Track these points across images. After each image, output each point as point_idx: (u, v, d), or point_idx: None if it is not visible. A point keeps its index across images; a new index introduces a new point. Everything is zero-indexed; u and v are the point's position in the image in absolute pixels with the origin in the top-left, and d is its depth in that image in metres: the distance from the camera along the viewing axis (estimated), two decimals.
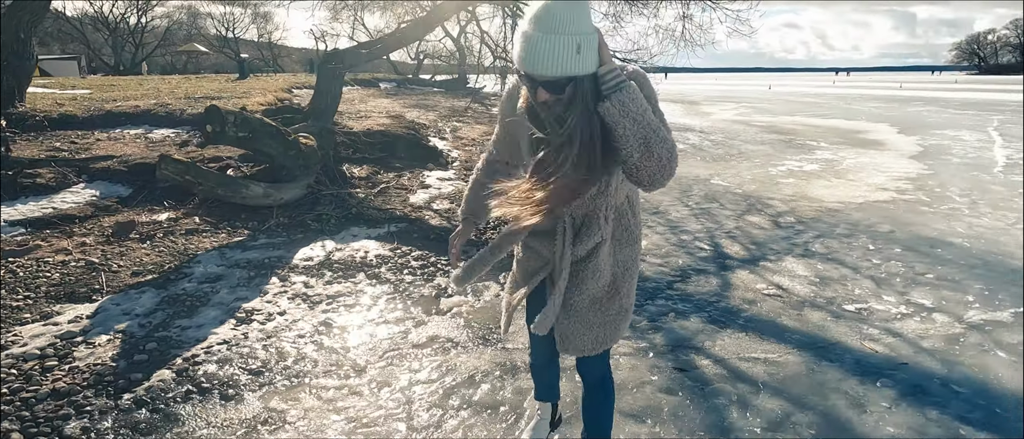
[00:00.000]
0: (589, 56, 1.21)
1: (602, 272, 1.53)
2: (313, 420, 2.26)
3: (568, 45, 1.18)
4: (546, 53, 1.19)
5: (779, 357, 2.72)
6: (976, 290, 3.51)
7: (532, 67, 1.22)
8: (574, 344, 1.59)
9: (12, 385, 2.42)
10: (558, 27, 1.18)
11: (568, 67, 1.20)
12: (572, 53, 1.19)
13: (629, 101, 1.21)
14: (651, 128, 1.22)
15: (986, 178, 7.07)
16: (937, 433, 2.14)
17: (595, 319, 1.57)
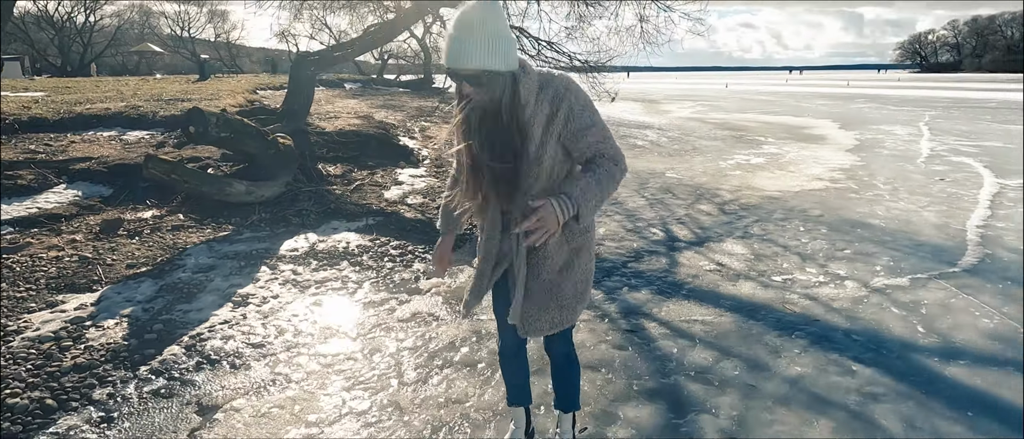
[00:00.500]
0: (503, 53, 1.40)
1: (553, 259, 1.67)
2: (316, 380, 2.60)
3: (482, 44, 1.37)
4: (465, 51, 1.38)
5: (714, 319, 3.19)
6: (883, 261, 4.08)
7: (454, 63, 1.41)
8: (533, 327, 1.72)
9: (35, 362, 2.68)
10: (474, 29, 1.37)
11: (484, 62, 1.39)
12: (487, 50, 1.38)
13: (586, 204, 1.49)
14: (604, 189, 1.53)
15: (909, 168, 7.84)
16: (834, 370, 2.63)
17: (551, 303, 1.69)
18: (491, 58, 1.39)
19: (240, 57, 60.39)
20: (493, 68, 1.40)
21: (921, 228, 4.90)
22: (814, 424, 2.23)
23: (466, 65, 1.39)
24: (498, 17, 1.41)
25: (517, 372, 2.01)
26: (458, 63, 1.40)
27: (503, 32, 1.41)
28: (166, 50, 51.66)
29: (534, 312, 1.70)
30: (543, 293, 1.69)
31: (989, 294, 3.46)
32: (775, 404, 2.36)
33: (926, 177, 7.17)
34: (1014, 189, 6.35)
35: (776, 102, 23.50)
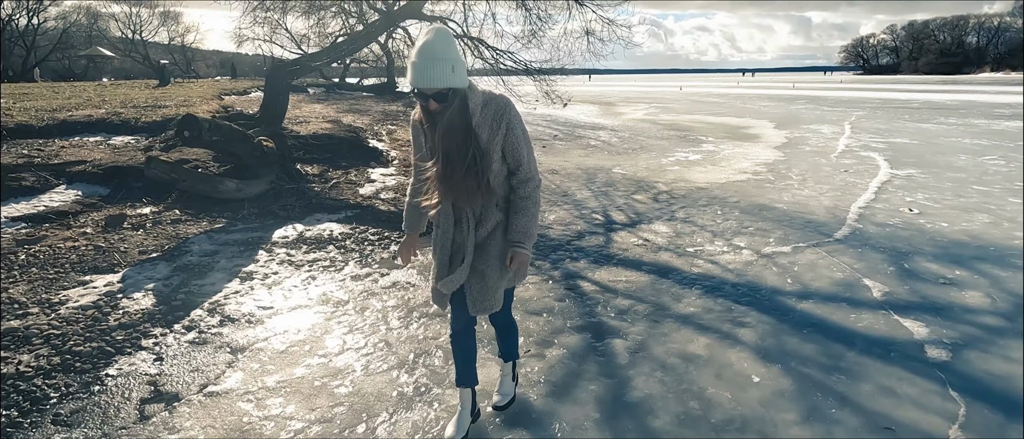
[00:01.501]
0: (459, 73, 1.77)
1: (500, 245, 2.05)
2: (319, 328, 3.30)
3: (445, 67, 1.72)
4: (430, 73, 1.71)
5: (634, 278, 4.03)
6: (776, 235, 5.03)
7: (422, 84, 1.74)
8: (483, 306, 2.07)
9: (85, 323, 3.30)
10: (437, 55, 1.71)
11: (447, 81, 1.75)
12: (448, 72, 1.74)
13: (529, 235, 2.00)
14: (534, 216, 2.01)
15: (822, 162, 8.97)
16: (718, 309, 3.50)
17: (498, 285, 2.06)
18: (452, 78, 1.75)
19: (196, 60, 59.11)
20: (454, 85, 1.78)
21: (814, 210, 5.90)
22: (694, 341, 3.07)
23: (432, 84, 1.74)
24: (452, 44, 1.78)
25: (466, 349, 2.25)
26: (426, 84, 1.74)
27: (458, 56, 1.78)
28: (117, 54, 49.97)
29: (486, 294, 2.05)
30: (495, 276, 2.05)
31: (848, 257, 4.42)
32: (669, 331, 3.20)
33: (833, 169, 8.29)
34: (901, 177, 7.50)
35: (724, 104, 24.98)
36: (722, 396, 2.55)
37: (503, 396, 2.43)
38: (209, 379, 2.77)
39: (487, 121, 1.92)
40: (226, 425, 2.39)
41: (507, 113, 1.94)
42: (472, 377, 2.28)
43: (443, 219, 2.06)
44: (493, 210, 2.04)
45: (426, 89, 1.76)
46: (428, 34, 1.78)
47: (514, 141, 1.97)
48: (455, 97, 1.81)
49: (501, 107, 1.94)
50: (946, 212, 5.68)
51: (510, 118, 1.95)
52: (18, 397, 2.59)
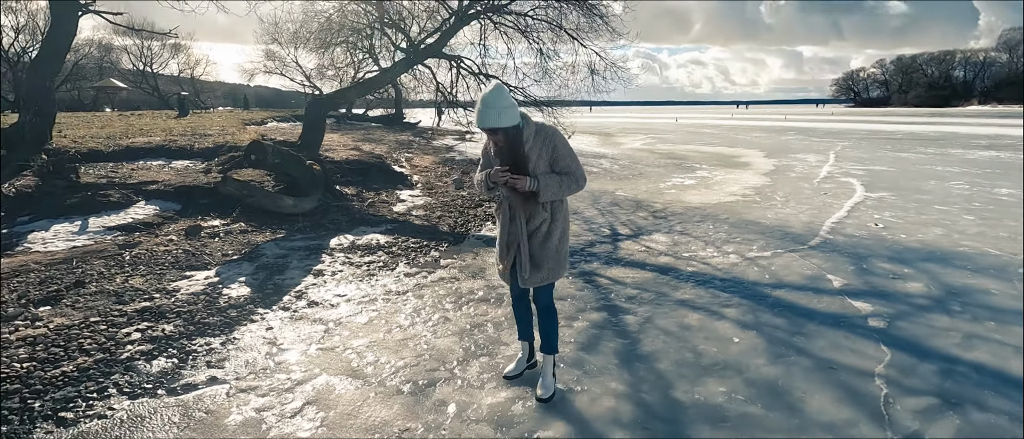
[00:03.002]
0: (508, 117, 2.48)
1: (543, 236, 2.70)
2: (388, 308, 4.13)
3: (495, 113, 2.47)
4: (487, 117, 2.48)
5: (639, 275, 4.88)
6: (759, 244, 5.89)
7: (482, 125, 2.52)
8: (529, 280, 2.72)
9: (202, 304, 4.13)
10: (489, 104, 2.48)
11: (496, 122, 2.49)
12: (496, 116, 2.48)
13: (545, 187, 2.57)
14: (561, 187, 2.60)
15: (805, 186, 9.90)
16: (707, 296, 4.33)
17: (542, 265, 2.71)
18: (500, 119, 2.51)
19: (204, 92, 60.64)
20: (502, 125, 2.52)
21: (793, 225, 6.79)
22: (689, 316, 3.90)
23: (485, 125, 2.53)
24: (502, 96, 2.52)
25: (523, 312, 3.00)
26: (484, 124, 2.54)
27: (507, 103, 2.52)
28: (128, 85, 51.34)
29: (530, 270, 2.72)
30: (535, 260, 2.72)
31: (817, 259, 5.28)
32: (669, 310, 4.03)
33: (814, 192, 9.21)
34: (874, 199, 8.41)
35: (718, 135, 26.14)
36: (710, 349, 3.38)
37: (546, 389, 2.84)
38: (314, 340, 3.59)
39: (538, 146, 2.64)
40: (340, 367, 3.21)
41: (554, 138, 2.67)
42: (529, 333, 3.03)
43: (503, 216, 2.76)
44: (540, 211, 2.68)
45: (484, 128, 2.56)
46: (487, 89, 2.57)
47: (560, 155, 2.67)
48: (503, 133, 2.55)
49: (549, 134, 2.68)
50: (906, 226, 6.57)
51: (555, 142, 2.67)
52: (175, 351, 3.41)
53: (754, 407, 2.74)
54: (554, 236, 2.74)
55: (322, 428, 2.62)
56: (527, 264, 2.71)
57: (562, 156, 2.67)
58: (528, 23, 10.57)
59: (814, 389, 2.89)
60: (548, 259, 2.73)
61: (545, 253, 2.72)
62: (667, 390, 2.92)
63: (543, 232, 2.72)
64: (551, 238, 2.73)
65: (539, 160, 2.64)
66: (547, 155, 2.66)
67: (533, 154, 2.63)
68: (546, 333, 2.89)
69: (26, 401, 2.83)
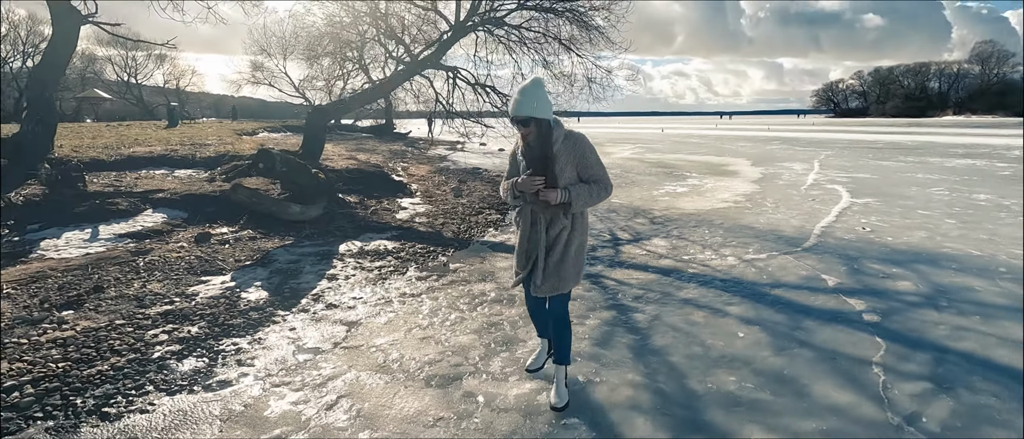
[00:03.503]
0: (542, 108, 2.54)
1: (563, 245, 2.68)
2: (406, 309, 4.27)
3: (530, 103, 2.53)
4: (520, 107, 2.54)
5: (643, 277, 5.08)
6: (755, 247, 6.13)
7: (516, 112, 2.55)
8: (542, 288, 2.70)
9: (223, 307, 4.23)
10: (526, 94, 2.55)
11: (529, 112, 2.54)
12: (532, 106, 2.53)
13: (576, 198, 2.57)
14: (591, 196, 2.60)
15: (793, 193, 10.22)
16: (711, 295, 4.54)
17: (554, 273, 2.68)
18: (535, 109, 2.55)
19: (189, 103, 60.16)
20: (536, 116, 2.56)
21: (785, 229, 7.05)
22: (694, 314, 4.10)
23: (521, 113, 2.56)
24: (539, 88, 2.60)
25: (540, 315, 3.05)
26: (520, 112, 2.56)
27: (541, 97, 2.57)
28: (113, 96, 50.84)
29: (544, 279, 2.69)
30: (551, 268, 2.69)
31: (811, 260, 5.53)
32: (675, 308, 4.23)
33: (803, 198, 9.52)
34: (860, 205, 8.73)
35: (704, 144, 26.63)
36: (717, 343, 3.57)
37: (560, 398, 2.82)
38: (338, 340, 3.72)
39: (567, 149, 2.63)
40: (367, 363, 3.35)
41: (582, 144, 2.66)
42: (548, 331, 3.05)
43: (524, 220, 2.73)
44: (560, 218, 2.66)
45: (516, 117, 2.59)
46: (525, 81, 2.65)
47: (587, 163, 2.66)
48: (535, 124, 2.57)
49: (579, 139, 2.68)
50: (892, 230, 6.87)
51: (583, 148, 2.66)
52: (204, 351, 3.52)
53: (764, 393, 2.93)
54: (573, 245, 2.72)
55: (360, 418, 2.75)
56: (542, 272, 2.69)
57: (591, 164, 2.66)
58: (523, 35, 10.82)
59: (818, 377, 3.09)
60: (565, 268, 2.70)
61: (563, 262, 2.70)
62: (681, 380, 3.10)
63: (563, 240, 2.69)
64: (570, 247, 2.71)
65: (567, 164, 2.62)
66: (575, 160, 2.64)
67: (562, 156, 2.61)
68: (559, 342, 2.87)
69: (68, 398, 2.93)
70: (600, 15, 10.30)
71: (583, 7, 10.09)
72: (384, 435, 2.61)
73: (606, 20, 10.57)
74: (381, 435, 2.61)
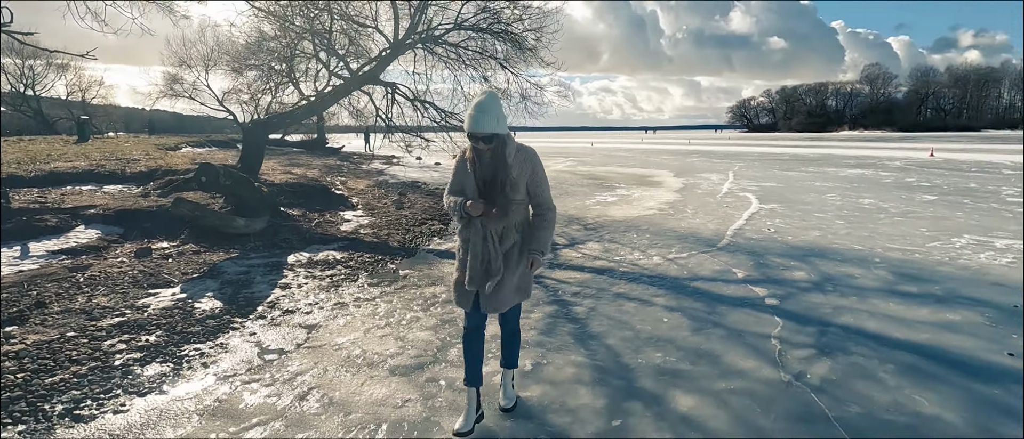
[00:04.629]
0: (502, 124, 2.45)
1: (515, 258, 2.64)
2: (363, 313, 4.52)
3: (492, 119, 2.42)
4: (482, 122, 2.41)
5: (580, 276, 5.58)
6: (677, 247, 6.82)
7: (475, 129, 2.42)
8: (494, 305, 2.61)
9: (178, 316, 4.31)
10: (487, 110, 2.43)
11: (493, 128, 2.43)
12: (494, 122, 2.43)
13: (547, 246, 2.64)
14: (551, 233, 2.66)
15: (710, 200, 11.21)
16: (639, 289, 5.09)
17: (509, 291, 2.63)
18: (497, 126, 2.45)
19: (97, 117, 55.83)
20: (498, 132, 2.45)
21: (703, 231, 7.84)
22: (625, 305, 4.62)
23: (483, 130, 2.42)
24: (498, 103, 2.51)
25: (476, 347, 2.74)
26: (478, 129, 2.43)
27: (501, 112, 2.49)
28: (8, 108, 46.44)
29: (495, 297, 2.61)
30: (508, 281, 2.61)
31: (725, 257, 6.25)
32: (609, 301, 4.73)
33: (718, 205, 10.49)
34: (766, 209, 9.76)
35: (631, 157, 28.08)
36: (646, 328, 4.09)
37: (508, 400, 2.89)
38: (300, 341, 3.93)
39: (519, 162, 2.59)
40: (337, 360, 3.60)
41: (533, 159, 2.64)
42: (478, 378, 2.75)
43: (473, 235, 2.60)
44: (512, 232, 2.64)
45: (478, 133, 2.45)
46: (482, 95, 2.50)
47: (538, 180, 2.65)
48: (498, 140, 2.50)
49: (531, 154, 2.64)
50: (792, 230, 7.81)
51: (535, 164, 2.63)
52: (166, 357, 3.63)
53: (685, 364, 3.45)
54: (525, 258, 2.69)
55: (333, 405, 3.02)
56: (498, 288, 2.62)
57: (540, 180, 2.66)
58: (461, 54, 11.25)
59: (728, 349, 3.67)
60: (521, 279, 2.70)
61: (517, 274, 2.67)
62: (616, 358, 3.58)
63: (515, 254, 2.67)
64: (522, 260, 2.68)
65: (520, 178, 2.59)
66: (527, 175, 2.61)
67: (515, 170, 2.56)
68: (510, 352, 2.89)
69: (35, 405, 2.99)
70: (532, 36, 10.91)
71: (517, 30, 10.67)
72: (358, 416, 2.89)
73: (537, 41, 11.20)
74: (356, 417, 2.89)
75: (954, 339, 3.80)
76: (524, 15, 10.69)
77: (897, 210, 9.46)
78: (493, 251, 2.59)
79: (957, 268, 5.65)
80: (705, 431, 2.70)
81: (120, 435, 2.73)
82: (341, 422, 2.83)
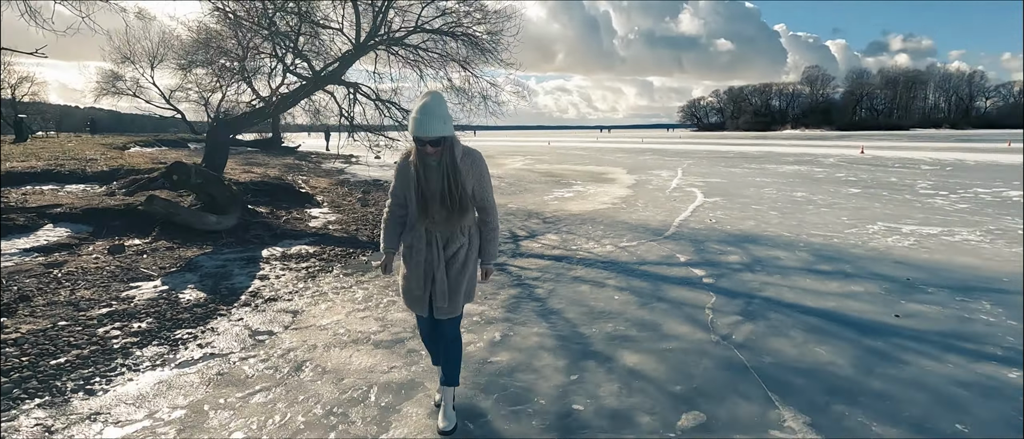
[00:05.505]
0: (449, 126, 2.36)
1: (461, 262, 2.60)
2: (342, 299, 4.89)
3: (439, 121, 2.34)
4: (429, 125, 2.32)
5: (540, 262, 6.10)
6: (628, 236, 7.44)
7: (422, 133, 2.33)
8: (447, 309, 2.61)
9: (167, 304, 4.57)
10: (434, 112, 2.34)
11: (441, 131, 2.34)
12: (441, 125, 2.34)
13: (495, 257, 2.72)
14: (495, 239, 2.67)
15: (659, 195, 11.99)
16: (594, 273, 5.65)
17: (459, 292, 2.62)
18: (444, 128, 2.37)
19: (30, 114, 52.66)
20: (446, 134, 2.38)
21: (652, 223, 8.52)
22: (582, 286, 5.17)
23: (430, 133, 2.33)
24: (444, 105, 2.42)
25: (434, 341, 2.92)
26: (426, 132, 2.34)
27: (448, 114, 2.42)
28: None
29: (449, 299, 2.60)
30: (453, 286, 2.61)
31: (670, 244, 6.91)
32: (567, 283, 5.27)
33: (667, 199, 11.26)
34: (710, 203, 10.57)
35: (587, 156, 28.97)
36: (599, 304, 4.64)
37: (449, 421, 2.74)
38: (287, 324, 4.28)
39: (466, 165, 2.53)
40: (325, 338, 3.98)
41: (480, 162, 2.59)
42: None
43: (416, 240, 2.59)
44: (458, 235, 2.60)
45: (424, 137, 2.37)
46: (426, 97, 2.40)
47: (483, 184, 2.60)
48: (446, 143, 2.42)
49: (477, 157, 2.59)
50: (731, 221, 8.59)
51: (481, 167, 2.58)
52: (162, 340, 3.92)
53: (633, 331, 4.01)
54: (471, 262, 2.67)
55: (327, 373, 3.41)
56: (446, 292, 2.60)
57: (485, 185, 2.62)
58: (420, 56, 11.60)
59: (669, 319, 4.26)
60: (465, 285, 2.67)
61: (462, 279, 2.63)
62: (574, 328, 4.10)
63: (461, 258, 2.63)
64: (468, 264, 2.66)
65: (467, 180, 2.54)
66: (474, 179, 2.57)
67: (462, 172, 2.51)
68: (450, 365, 2.78)
69: (46, 382, 3.26)
70: (490, 39, 11.38)
71: (478, 33, 11.11)
72: (351, 381, 3.30)
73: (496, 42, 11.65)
74: (349, 381, 3.30)
75: (854, 305, 4.52)
76: (485, 19, 11.14)
77: (824, 202, 10.45)
78: (436, 258, 2.57)
79: (866, 250, 6.49)
80: (648, 380, 3.25)
81: (135, 403, 3.05)
82: (336, 386, 3.24)
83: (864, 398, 3.00)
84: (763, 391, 3.09)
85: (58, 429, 2.78)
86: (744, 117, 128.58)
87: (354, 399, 3.08)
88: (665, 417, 2.84)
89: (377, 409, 2.96)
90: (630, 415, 2.86)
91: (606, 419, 2.83)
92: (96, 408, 2.99)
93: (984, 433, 2.66)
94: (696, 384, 3.19)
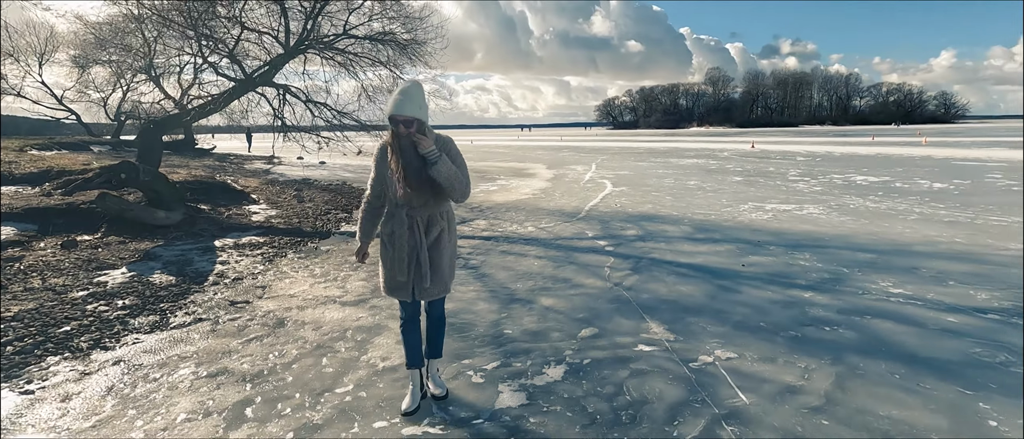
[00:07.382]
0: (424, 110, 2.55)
1: (442, 246, 2.74)
2: (305, 275, 5.64)
3: (415, 104, 2.53)
4: (405, 106, 2.51)
5: (474, 243, 7.10)
6: (546, 220, 8.62)
7: (398, 112, 2.51)
8: (431, 291, 2.73)
9: (143, 287, 5.13)
10: (410, 95, 2.54)
11: (415, 113, 2.53)
12: (417, 107, 2.53)
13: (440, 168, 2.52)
14: (454, 178, 2.55)
15: (575, 186, 13.36)
16: (517, 247, 6.73)
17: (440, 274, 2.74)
18: (418, 112, 2.56)
19: None
20: (419, 116, 2.56)
21: (567, 208, 9.77)
22: (509, 257, 6.23)
23: (404, 113, 2.53)
24: (421, 91, 2.62)
25: (415, 335, 2.91)
26: (400, 111, 2.53)
27: (424, 100, 2.62)
28: None
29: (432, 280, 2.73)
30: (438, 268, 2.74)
31: (581, 223, 8.15)
32: (498, 256, 6.31)
33: (581, 189, 12.63)
34: (617, 191, 12.03)
35: (509, 153, 30.26)
36: (521, 268, 5.72)
37: (440, 388, 3.01)
38: (260, 295, 5.01)
39: (439, 146, 2.64)
40: (297, 303, 4.76)
41: (450, 145, 2.69)
42: (420, 359, 2.97)
43: (398, 227, 2.67)
44: (437, 219, 2.72)
45: (399, 116, 2.54)
46: (406, 83, 2.65)
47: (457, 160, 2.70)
48: (419, 125, 2.57)
49: (447, 141, 2.70)
50: (633, 204, 10.02)
51: (451, 149, 2.68)
52: (150, 312, 4.55)
53: (548, 284, 5.13)
54: (450, 244, 2.80)
55: (305, 324, 4.22)
56: (429, 274, 2.71)
57: (459, 161, 2.71)
58: (349, 59, 12.22)
59: (577, 276, 5.41)
60: (447, 267, 2.78)
61: (443, 261, 2.75)
62: (502, 286, 5.15)
63: (443, 241, 2.74)
64: (449, 245, 2.78)
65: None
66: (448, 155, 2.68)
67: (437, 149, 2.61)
68: (436, 340, 3.01)
69: (61, 343, 3.84)
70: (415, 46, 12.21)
71: (406, 39, 11.91)
72: (329, 327, 4.15)
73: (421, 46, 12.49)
74: (327, 328, 4.15)
75: (714, 259, 5.91)
76: (416, 28, 11.97)
77: (711, 188, 12.22)
78: (419, 242, 2.67)
79: (735, 223, 8.05)
80: (559, 313, 4.36)
81: (152, 350, 3.74)
82: (317, 332, 4.08)
83: (707, 313, 4.28)
84: (639, 313, 4.29)
85: (91, 371, 3.45)
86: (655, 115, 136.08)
87: (335, 337, 3.95)
88: (570, 331, 3.95)
89: (354, 342, 3.86)
90: (545, 333, 3.95)
91: (528, 336, 3.90)
92: (118, 357, 3.66)
93: (777, 325, 3.99)
94: (593, 313, 4.34)
